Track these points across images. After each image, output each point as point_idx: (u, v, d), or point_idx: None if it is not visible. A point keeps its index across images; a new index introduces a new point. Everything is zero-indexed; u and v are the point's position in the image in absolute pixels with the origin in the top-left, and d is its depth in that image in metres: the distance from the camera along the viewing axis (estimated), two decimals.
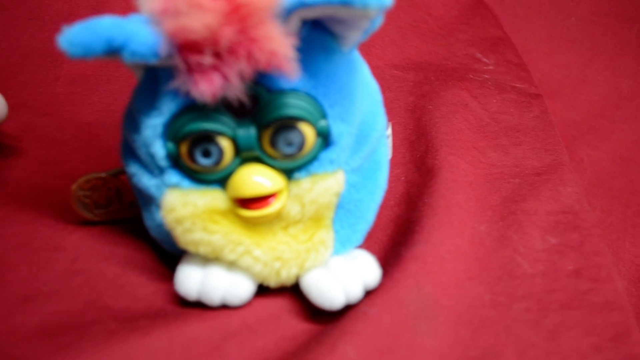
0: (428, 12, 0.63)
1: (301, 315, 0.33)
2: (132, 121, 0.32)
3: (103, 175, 0.37)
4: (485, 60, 0.59)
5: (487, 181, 0.43)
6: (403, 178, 0.43)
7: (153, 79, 0.30)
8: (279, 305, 0.33)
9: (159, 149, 0.31)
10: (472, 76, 0.55)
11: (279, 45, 0.26)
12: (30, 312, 0.32)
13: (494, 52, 0.61)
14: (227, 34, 0.26)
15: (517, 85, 0.55)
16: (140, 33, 0.27)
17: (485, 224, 0.38)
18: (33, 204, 0.40)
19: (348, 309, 0.32)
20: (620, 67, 0.66)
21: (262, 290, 0.33)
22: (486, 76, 0.56)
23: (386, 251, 0.37)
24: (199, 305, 0.32)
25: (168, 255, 0.36)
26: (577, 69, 0.66)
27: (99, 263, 0.35)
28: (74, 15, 0.60)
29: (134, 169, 0.33)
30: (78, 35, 0.27)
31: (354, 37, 0.29)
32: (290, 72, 0.27)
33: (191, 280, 0.32)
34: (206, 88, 0.27)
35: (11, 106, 0.52)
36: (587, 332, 0.32)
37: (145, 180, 0.32)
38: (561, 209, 0.40)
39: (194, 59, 0.26)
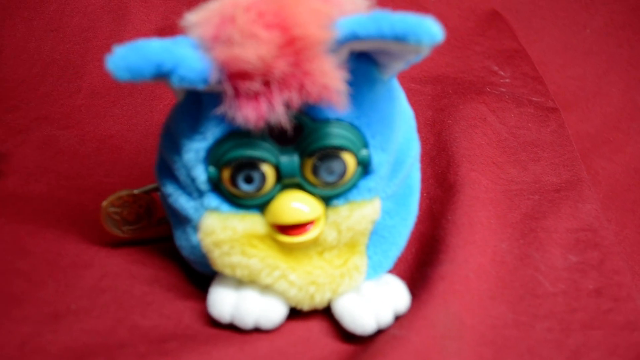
0: (444, 23, 0.62)
1: (330, 337, 0.33)
2: (171, 142, 0.32)
3: (135, 192, 0.37)
4: (501, 73, 0.60)
5: (507, 198, 0.43)
6: (425, 194, 0.43)
7: (196, 102, 0.30)
8: (308, 327, 0.33)
9: (200, 173, 0.31)
10: (489, 89, 0.55)
11: (332, 79, 0.26)
12: (58, 330, 0.32)
13: (510, 64, 0.61)
14: (281, 66, 0.26)
15: (534, 98, 0.55)
16: (189, 58, 0.27)
17: (506, 242, 0.39)
18: (59, 220, 0.40)
19: (377, 332, 0.32)
20: (635, 79, 0.66)
21: (292, 313, 0.33)
22: (503, 89, 0.56)
23: (412, 270, 0.37)
24: (227, 326, 0.33)
25: (194, 273, 0.36)
26: (591, 81, 0.65)
27: (126, 280, 0.35)
28: (94, 27, 0.60)
29: (170, 189, 0.33)
30: (126, 59, 0.26)
31: (397, 68, 0.30)
32: (340, 105, 0.27)
33: (224, 303, 0.32)
34: (253, 115, 0.27)
35: (33, 119, 0.52)
36: (609, 353, 0.32)
37: (183, 202, 0.32)
38: (581, 226, 0.40)
39: (243, 86, 0.26)
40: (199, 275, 0.35)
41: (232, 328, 0.33)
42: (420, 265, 0.37)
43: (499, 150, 0.47)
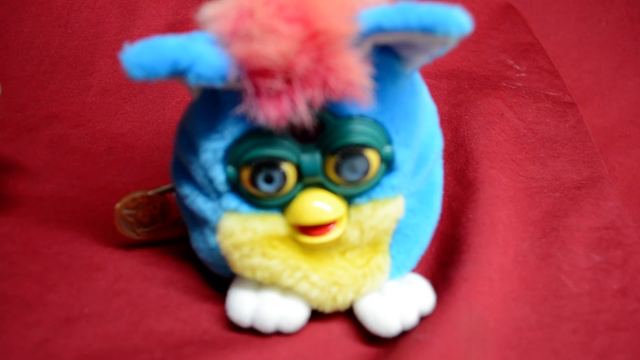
0: None
1: (351, 340, 0.33)
2: (187, 142, 0.31)
3: (150, 193, 0.36)
4: (517, 67, 0.59)
5: (527, 195, 0.42)
6: (444, 192, 0.42)
7: (213, 100, 0.29)
8: (328, 330, 0.33)
9: (219, 174, 0.30)
10: (505, 84, 0.55)
11: (356, 74, 0.25)
12: (72, 335, 0.31)
13: (525, 58, 0.60)
14: (303, 63, 0.25)
15: (551, 93, 0.55)
16: (206, 55, 0.26)
17: (528, 241, 0.38)
18: (70, 221, 0.40)
19: (401, 334, 0.32)
20: None
21: (313, 315, 0.33)
22: (519, 84, 0.55)
23: (433, 271, 0.37)
24: (246, 330, 0.32)
25: (211, 275, 0.35)
26: (607, 75, 0.65)
27: (140, 283, 0.35)
28: (104, 22, 0.59)
29: (187, 190, 0.32)
30: (141, 57, 0.25)
31: (421, 61, 0.29)
32: (364, 101, 0.26)
33: (244, 306, 0.31)
34: (274, 114, 0.26)
35: (42, 117, 0.52)
36: (636, 355, 0.32)
37: (200, 203, 0.32)
38: (603, 224, 0.39)
39: (264, 84, 0.25)
40: (216, 277, 0.35)
41: (251, 332, 0.32)
42: (441, 266, 0.37)
43: (517, 147, 0.47)
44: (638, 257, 0.37)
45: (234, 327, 0.32)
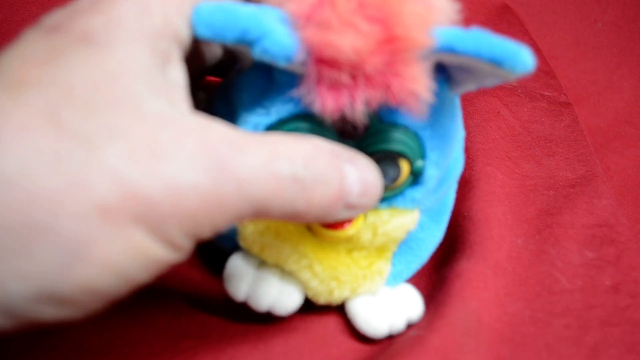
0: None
1: (346, 335, 0.33)
2: (226, 110, 0.30)
3: None
4: None
5: (522, 193, 0.42)
6: None
7: (265, 76, 0.29)
8: (323, 324, 0.33)
9: None
10: (501, 84, 0.55)
11: (420, 86, 0.25)
12: (70, 328, 0.31)
13: None
14: (374, 63, 0.24)
15: (547, 93, 0.55)
16: (277, 32, 0.25)
17: (522, 238, 0.38)
18: None
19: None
20: None
21: (305, 307, 0.33)
22: (515, 84, 0.55)
23: (429, 267, 0.37)
24: (240, 318, 0.33)
25: (209, 265, 0.36)
26: (603, 75, 0.65)
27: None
28: None
29: None
30: (213, 17, 0.24)
31: (469, 87, 0.28)
32: (418, 114, 0.26)
33: (242, 281, 0.32)
34: (331, 105, 0.25)
35: None
36: (627, 350, 0.32)
37: None
38: (597, 222, 0.40)
39: (329, 74, 0.25)
40: (214, 268, 0.35)
41: (249, 322, 0.32)
42: (437, 262, 0.37)
43: (513, 145, 0.47)
44: (631, 254, 0.38)
45: (231, 319, 0.33)
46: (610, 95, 0.63)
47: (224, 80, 0.32)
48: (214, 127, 0.22)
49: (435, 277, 0.35)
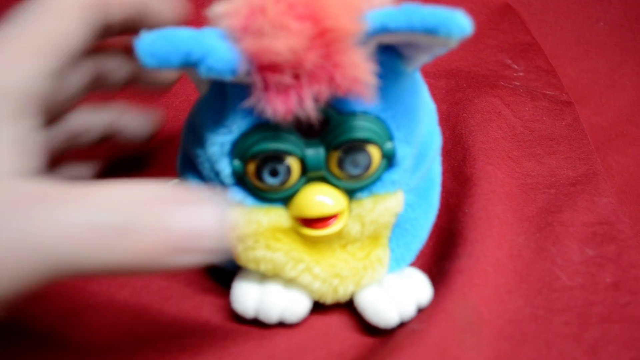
0: None
1: (350, 331, 0.33)
2: (195, 136, 0.32)
3: None
4: (515, 66, 0.59)
5: (523, 191, 0.43)
6: (442, 188, 0.43)
7: (221, 95, 0.30)
8: (327, 321, 0.34)
9: (225, 167, 0.31)
10: (503, 83, 0.55)
11: (362, 72, 0.26)
12: (77, 326, 0.32)
13: (523, 58, 0.61)
14: (311, 58, 0.25)
15: (548, 92, 0.55)
16: (218, 49, 0.26)
17: (523, 236, 0.39)
18: None
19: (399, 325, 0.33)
20: None
21: (314, 307, 0.34)
22: (517, 83, 0.56)
23: (430, 264, 0.37)
24: (246, 321, 0.33)
25: (212, 267, 0.36)
26: (605, 74, 0.65)
27: (143, 275, 0.35)
28: None
29: (193, 183, 0.33)
30: (155, 46, 0.25)
31: (422, 60, 0.29)
32: (368, 98, 0.26)
33: (249, 298, 0.32)
34: (282, 108, 0.26)
35: None
36: (627, 347, 0.32)
37: None
38: (597, 220, 0.40)
39: (272, 78, 0.26)
40: (218, 270, 0.35)
41: (251, 323, 0.33)
42: (438, 259, 0.37)
43: (514, 144, 0.47)
44: (631, 252, 0.38)
45: (235, 318, 0.33)
46: (612, 94, 0.63)
47: (190, 110, 0.33)
48: (5, 184, 0.22)
49: (435, 273, 0.35)
